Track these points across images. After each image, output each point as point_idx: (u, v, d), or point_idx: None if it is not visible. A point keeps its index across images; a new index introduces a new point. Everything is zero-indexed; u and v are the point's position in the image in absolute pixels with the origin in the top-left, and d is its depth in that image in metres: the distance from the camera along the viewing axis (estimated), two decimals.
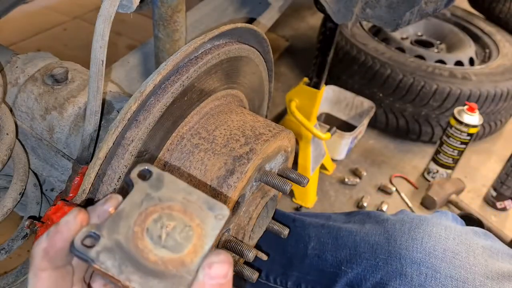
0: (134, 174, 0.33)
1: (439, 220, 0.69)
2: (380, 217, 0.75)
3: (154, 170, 0.33)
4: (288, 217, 0.84)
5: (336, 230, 0.76)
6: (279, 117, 1.69)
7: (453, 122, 1.42)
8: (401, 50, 1.76)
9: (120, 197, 0.34)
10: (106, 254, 0.29)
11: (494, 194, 1.46)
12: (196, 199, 0.33)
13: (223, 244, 0.57)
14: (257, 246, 0.70)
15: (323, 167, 1.48)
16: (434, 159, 1.52)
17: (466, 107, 1.41)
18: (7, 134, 0.59)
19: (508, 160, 1.41)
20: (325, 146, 1.43)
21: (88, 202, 0.51)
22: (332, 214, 0.84)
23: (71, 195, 0.55)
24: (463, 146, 1.44)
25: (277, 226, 0.68)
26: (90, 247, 0.30)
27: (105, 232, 0.30)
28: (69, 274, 0.34)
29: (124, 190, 0.52)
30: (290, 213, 0.86)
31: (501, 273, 0.61)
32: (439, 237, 0.65)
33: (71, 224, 0.32)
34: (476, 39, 1.91)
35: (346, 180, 1.48)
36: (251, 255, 0.56)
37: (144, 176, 0.33)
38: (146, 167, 0.33)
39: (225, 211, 0.33)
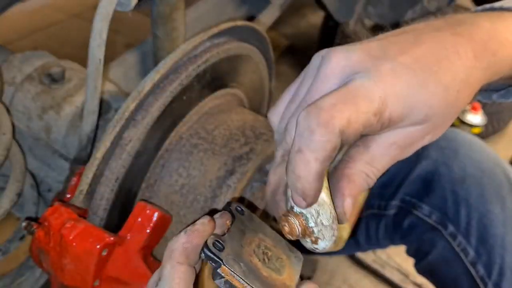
0: (233, 207, 0.39)
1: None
2: None
3: (246, 209, 0.40)
4: None
5: None
6: None
7: (456, 122, 1.41)
8: None
9: (230, 215, 0.39)
10: (233, 261, 0.34)
11: None
12: (280, 240, 0.39)
13: None
14: None
15: None
16: None
17: (469, 106, 1.41)
18: (4, 134, 0.59)
19: (511, 160, 1.40)
20: None
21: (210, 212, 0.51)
22: None
23: (69, 195, 0.54)
24: None
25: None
26: (219, 251, 0.34)
27: (226, 244, 0.35)
28: (194, 274, 0.36)
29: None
30: None
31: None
32: (458, 132, 0.72)
33: (206, 226, 0.36)
34: None
35: None
36: None
37: (241, 211, 0.39)
38: (241, 206, 0.40)
39: (301, 256, 0.39)
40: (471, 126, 1.38)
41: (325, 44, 1.12)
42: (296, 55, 2.09)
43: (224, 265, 0.33)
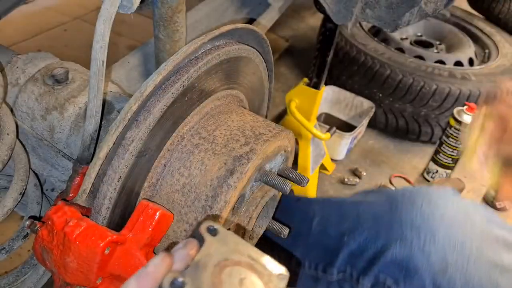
0: (203, 229, 0.36)
1: (439, 192, 0.71)
2: (382, 190, 0.78)
3: (219, 228, 0.36)
4: (292, 198, 0.85)
5: (340, 203, 0.78)
6: (279, 117, 1.69)
7: (452, 122, 1.42)
8: (401, 50, 1.76)
9: (196, 242, 0.36)
10: None
11: (494, 194, 1.46)
12: (260, 258, 0.36)
13: None
14: (258, 241, 0.70)
15: (322, 167, 1.48)
16: (434, 159, 1.52)
17: (465, 107, 1.42)
18: (8, 134, 0.59)
19: None
20: (325, 146, 1.43)
21: (170, 246, 0.50)
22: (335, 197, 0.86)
23: (72, 195, 0.55)
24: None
25: (276, 226, 0.68)
26: None
27: (188, 280, 0.32)
28: None
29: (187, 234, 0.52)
30: (295, 195, 0.87)
31: (496, 239, 0.62)
32: (438, 204, 0.66)
33: (159, 267, 0.33)
34: (475, 39, 1.91)
35: (346, 180, 1.48)
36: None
37: (212, 231, 0.36)
38: (212, 225, 0.36)
39: (286, 273, 0.35)
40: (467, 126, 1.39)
41: (324, 46, 1.13)
42: (295, 56, 2.10)
43: None
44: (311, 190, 1.38)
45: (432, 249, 0.61)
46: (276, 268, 0.35)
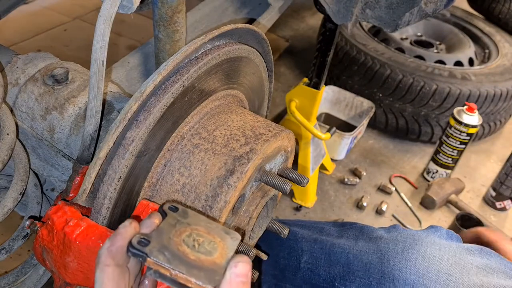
0: (166, 207, 0.42)
1: (433, 239, 0.69)
2: (373, 234, 0.75)
3: (180, 207, 0.43)
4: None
5: (329, 246, 0.76)
6: (279, 117, 1.69)
7: (452, 122, 1.42)
8: (401, 50, 1.76)
9: (159, 214, 0.42)
10: (157, 252, 0.37)
11: (494, 194, 1.46)
12: (215, 227, 0.42)
13: None
14: (257, 246, 0.70)
15: (323, 167, 1.48)
16: (434, 159, 1.52)
17: (465, 107, 1.42)
18: (8, 134, 0.59)
19: (508, 160, 1.41)
20: (325, 146, 1.43)
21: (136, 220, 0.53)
22: (325, 225, 0.83)
23: (72, 195, 0.55)
24: (463, 146, 1.44)
25: (277, 226, 0.68)
26: (144, 247, 0.37)
27: (153, 239, 0.38)
28: (127, 273, 0.41)
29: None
30: (285, 221, 0.86)
31: None
32: (433, 258, 0.65)
33: (128, 228, 0.40)
34: (475, 39, 1.91)
35: (346, 180, 1.48)
36: (251, 254, 0.56)
37: (174, 209, 0.42)
38: (174, 205, 0.43)
39: (238, 236, 0.42)
40: (467, 126, 1.39)
41: (324, 46, 1.13)
42: (295, 56, 2.10)
43: (148, 257, 0.36)
44: (311, 190, 1.38)
45: None
46: (230, 233, 0.42)
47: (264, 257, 0.65)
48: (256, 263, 0.65)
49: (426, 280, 0.62)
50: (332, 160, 1.54)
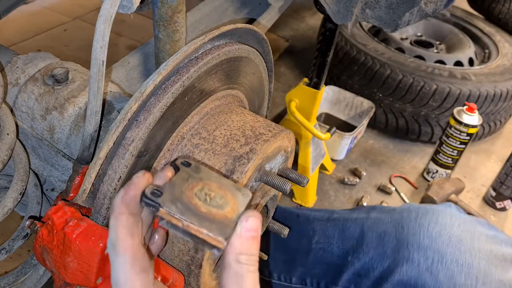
0: (178, 162, 0.42)
1: (445, 209, 0.70)
2: (386, 208, 0.76)
3: (193, 162, 0.43)
4: (292, 213, 0.84)
5: (342, 222, 0.77)
6: (279, 117, 1.69)
7: (452, 122, 1.42)
8: (401, 50, 1.76)
9: (172, 168, 0.42)
10: (170, 203, 0.38)
11: (494, 194, 1.46)
12: (227, 183, 0.42)
13: None
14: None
15: (323, 167, 1.48)
16: (434, 159, 1.52)
17: (465, 107, 1.42)
18: (8, 134, 0.59)
19: (508, 160, 1.41)
20: (325, 146, 1.43)
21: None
22: (335, 210, 0.85)
23: (72, 195, 0.55)
24: (463, 146, 1.44)
25: (277, 226, 0.68)
26: (157, 197, 0.38)
27: (165, 191, 0.39)
28: (140, 222, 0.41)
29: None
30: (294, 209, 0.86)
31: (504, 258, 0.62)
32: (444, 223, 0.66)
33: (141, 178, 0.40)
34: (475, 39, 1.91)
35: (346, 180, 1.48)
36: None
37: (186, 164, 0.42)
38: (187, 160, 0.43)
39: (249, 193, 0.42)
40: (467, 126, 1.39)
41: (324, 46, 1.13)
42: (295, 56, 2.10)
43: (161, 207, 0.37)
44: (311, 190, 1.38)
45: (440, 270, 0.61)
46: (241, 190, 0.42)
47: (264, 257, 0.65)
48: (265, 254, 0.65)
49: (439, 244, 0.63)
50: (332, 160, 1.54)
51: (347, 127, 1.64)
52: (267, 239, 0.71)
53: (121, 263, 0.38)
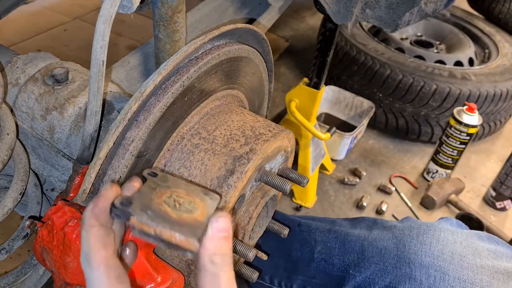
0: (145, 173, 0.43)
1: (446, 226, 0.71)
2: (387, 224, 0.76)
3: (159, 172, 0.44)
4: (293, 221, 0.84)
5: (344, 235, 0.77)
6: (279, 117, 1.69)
7: (452, 122, 1.42)
8: (401, 50, 1.76)
9: (139, 179, 0.43)
10: (140, 211, 0.38)
11: (494, 194, 1.46)
12: (194, 189, 0.43)
13: None
14: (257, 246, 0.70)
15: (323, 167, 1.48)
16: (434, 159, 1.52)
17: (465, 107, 1.42)
18: (8, 134, 0.59)
19: (508, 160, 1.41)
20: (325, 146, 1.43)
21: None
22: (337, 219, 0.85)
23: (72, 195, 0.55)
24: (463, 146, 1.44)
25: (277, 226, 0.68)
26: (126, 207, 0.38)
27: (135, 200, 0.39)
28: (112, 233, 0.41)
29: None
30: (296, 217, 0.87)
31: (506, 272, 0.62)
32: (446, 241, 0.67)
33: (109, 190, 0.41)
34: (475, 39, 1.91)
35: (346, 180, 1.48)
36: (251, 254, 0.56)
37: (153, 174, 0.43)
38: (153, 171, 0.44)
39: (217, 196, 0.43)
40: (467, 126, 1.39)
41: (324, 46, 1.13)
42: (295, 56, 2.10)
43: (131, 216, 0.37)
44: (311, 190, 1.38)
45: (442, 287, 0.62)
46: (209, 194, 0.43)
47: (264, 257, 0.65)
48: (268, 260, 0.66)
49: (441, 262, 0.64)
50: (332, 160, 1.54)
51: (347, 127, 1.64)
52: (267, 239, 0.71)
53: (97, 276, 0.38)
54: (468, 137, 1.42)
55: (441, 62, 1.73)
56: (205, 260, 0.37)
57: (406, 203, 1.46)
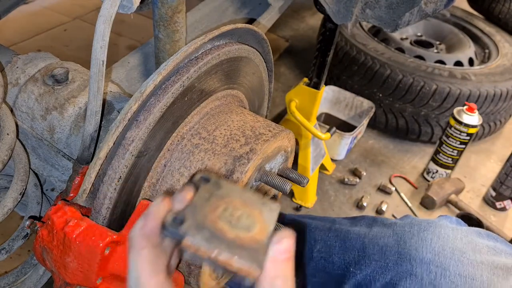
0: (197, 178, 0.39)
1: (446, 223, 0.71)
2: (387, 221, 0.76)
3: (212, 177, 0.40)
4: (293, 221, 0.84)
5: (344, 233, 0.77)
6: (279, 117, 1.69)
7: (452, 122, 1.42)
8: (401, 50, 1.76)
9: (192, 187, 0.39)
10: (194, 231, 0.34)
11: (494, 194, 1.46)
12: (250, 196, 0.39)
13: None
14: None
15: (323, 167, 1.48)
16: (434, 159, 1.52)
17: (465, 107, 1.42)
18: (8, 134, 0.59)
19: (508, 160, 1.41)
20: (325, 146, 1.43)
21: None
22: (337, 218, 0.85)
23: (72, 195, 0.55)
24: (463, 146, 1.44)
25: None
26: (179, 225, 0.34)
27: (187, 216, 0.35)
28: (163, 254, 0.37)
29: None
30: (295, 216, 0.86)
31: (506, 268, 0.63)
32: (447, 237, 0.67)
33: (160, 206, 0.37)
34: (475, 39, 1.91)
35: (346, 180, 1.48)
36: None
37: (206, 180, 0.39)
38: (205, 175, 0.40)
39: (276, 205, 0.39)
40: (467, 126, 1.39)
41: (324, 46, 1.13)
42: (295, 56, 2.10)
43: (185, 237, 0.33)
44: (311, 190, 1.38)
45: (443, 283, 0.62)
46: (267, 203, 0.38)
47: None
48: None
49: (442, 258, 0.64)
50: (332, 160, 1.54)
51: (347, 127, 1.64)
52: None
53: None
54: (468, 137, 1.42)
55: (441, 62, 1.73)
56: (265, 285, 0.34)
57: (406, 203, 1.46)
